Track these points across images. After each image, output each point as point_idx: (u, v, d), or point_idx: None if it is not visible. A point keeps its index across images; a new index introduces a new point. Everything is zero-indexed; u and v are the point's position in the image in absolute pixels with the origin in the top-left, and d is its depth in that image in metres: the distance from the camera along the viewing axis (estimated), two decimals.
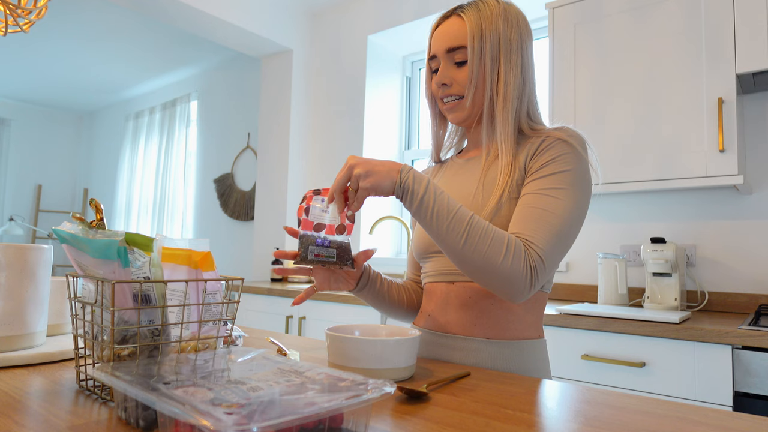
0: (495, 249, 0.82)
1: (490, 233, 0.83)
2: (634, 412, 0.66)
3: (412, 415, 0.63)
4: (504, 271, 0.82)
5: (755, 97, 2.03)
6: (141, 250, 0.69)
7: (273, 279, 3.15)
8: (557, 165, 0.90)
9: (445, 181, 1.07)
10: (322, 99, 3.43)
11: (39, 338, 0.91)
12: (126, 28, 3.82)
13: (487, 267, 0.82)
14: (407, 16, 3.04)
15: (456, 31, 0.97)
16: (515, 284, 0.83)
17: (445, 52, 0.99)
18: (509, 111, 0.96)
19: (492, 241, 0.82)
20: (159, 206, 4.82)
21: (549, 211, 0.86)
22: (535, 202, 0.88)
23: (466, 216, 0.83)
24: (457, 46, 0.97)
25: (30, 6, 2.53)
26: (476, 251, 0.82)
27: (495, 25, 0.96)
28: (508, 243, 0.82)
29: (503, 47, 0.96)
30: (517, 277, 0.82)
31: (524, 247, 0.84)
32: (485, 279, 0.84)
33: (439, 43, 0.99)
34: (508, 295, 0.84)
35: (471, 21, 0.96)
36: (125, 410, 0.57)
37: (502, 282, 0.83)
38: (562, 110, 2.13)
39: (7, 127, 5.69)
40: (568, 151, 0.92)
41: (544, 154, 0.92)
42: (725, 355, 1.49)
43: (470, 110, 1.00)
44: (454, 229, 0.83)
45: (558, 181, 0.89)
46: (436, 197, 0.84)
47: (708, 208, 2.09)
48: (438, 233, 0.84)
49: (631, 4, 2.00)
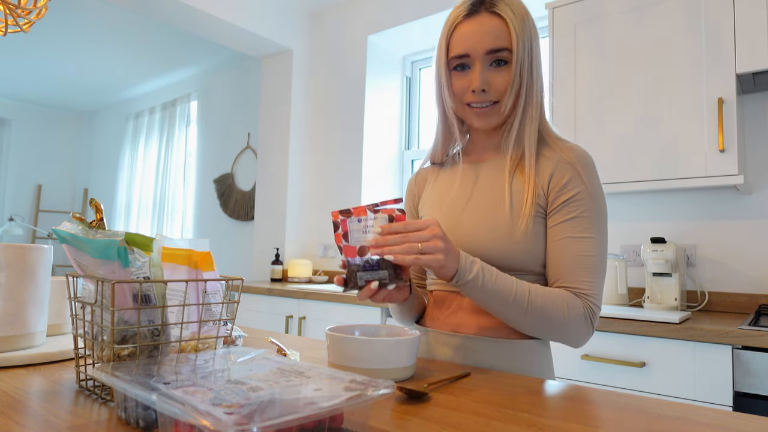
0: (557, 317, 0.87)
1: (548, 306, 0.87)
2: (634, 412, 0.66)
3: (412, 415, 0.63)
4: (568, 333, 0.89)
5: (755, 97, 2.03)
6: (141, 250, 0.69)
7: (273, 279, 3.16)
8: (582, 203, 0.92)
9: (461, 186, 1.02)
10: (322, 99, 3.43)
11: (39, 338, 0.91)
12: (126, 28, 3.82)
13: (553, 335, 0.90)
14: (407, 16, 3.04)
15: (498, 30, 0.90)
16: (579, 338, 0.90)
17: (485, 53, 0.91)
18: (536, 118, 0.96)
19: (552, 310, 0.87)
20: (159, 206, 4.82)
21: (588, 255, 0.90)
22: (574, 248, 0.91)
23: (524, 295, 0.86)
24: (500, 47, 0.90)
25: (30, 6, 2.53)
26: (541, 327, 0.88)
27: (528, 26, 0.93)
28: (568, 307, 0.88)
29: (535, 51, 0.94)
30: (579, 333, 0.89)
31: (580, 302, 0.89)
32: (548, 338, 0.91)
33: (475, 42, 0.91)
34: (573, 345, 0.92)
35: (513, 21, 0.90)
36: (125, 410, 0.57)
37: (567, 340, 0.90)
38: (562, 110, 2.13)
39: (7, 127, 5.69)
40: (585, 184, 0.93)
41: (564, 190, 0.93)
42: (725, 355, 1.48)
43: (504, 116, 0.96)
44: (517, 308, 0.86)
45: (586, 220, 0.91)
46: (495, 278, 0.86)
47: (708, 208, 2.09)
48: (498, 310, 0.87)
49: (631, 4, 2.00)
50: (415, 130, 3.40)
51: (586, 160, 0.94)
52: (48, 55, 4.42)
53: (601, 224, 0.92)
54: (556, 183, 0.93)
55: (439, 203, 1.04)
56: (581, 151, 0.95)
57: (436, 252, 0.79)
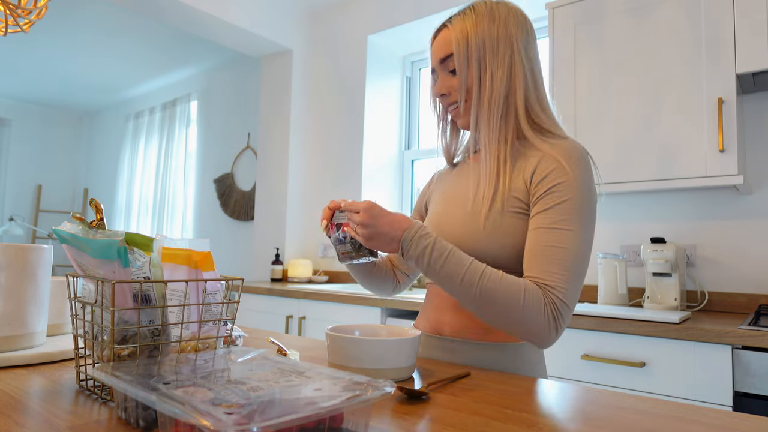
0: (510, 304, 0.82)
1: (502, 289, 0.82)
2: (634, 412, 0.66)
3: (412, 415, 0.63)
4: (526, 325, 0.82)
5: (755, 97, 2.03)
6: (141, 250, 0.69)
7: (273, 279, 3.16)
8: (561, 193, 0.88)
9: (453, 184, 1.07)
10: (322, 99, 3.43)
11: (39, 338, 0.91)
12: (126, 28, 3.82)
13: (511, 325, 0.83)
14: (407, 16, 3.04)
15: (444, 41, 1.00)
16: (538, 333, 0.83)
17: (439, 63, 1.01)
18: (495, 111, 0.95)
19: (506, 296, 0.82)
20: (159, 206, 4.82)
21: (559, 246, 0.85)
22: (544, 238, 0.86)
23: (476, 275, 0.84)
24: (445, 55, 0.99)
25: (30, 6, 2.53)
26: (495, 314, 0.84)
27: (480, 27, 0.96)
28: (524, 295, 0.82)
29: (488, 46, 0.96)
30: (538, 326, 0.82)
31: (541, 292, 0.83)
32: (509, 331, 0.85)
33: (433, 56, 1.02)
34: (535, 343, 0.85)
35: (455, 29, 0.98)
36: (125, 410, 0.57)
37: (524, 333, 0.84)
38: (562, 110, 2.13)
39: (7, 127, 5.69)
40: (568, 175, 0.89)
41: (544, 181, 0.90)
42: (725, 355, 1.49)
43: (469, 115, 1.00)
44: (466, 291, 0.84)
45: (563, 212, 0.87)
46: (444, 259, 0.85)
47: (708, 208, 2.09)
48: (451, 292, 0.87)
49: (631, 4, 1.99)
50: (415, 130, 3.40)
51: (573, 153, 0.91)
52: (48, 55, 4.42)
53: (583, 218, 0.87)
54: (538, 175, 0.91)
55: (436, 200, 1.10)
56: (570, 144, 0.93)
57: (361, 231, 0.90)
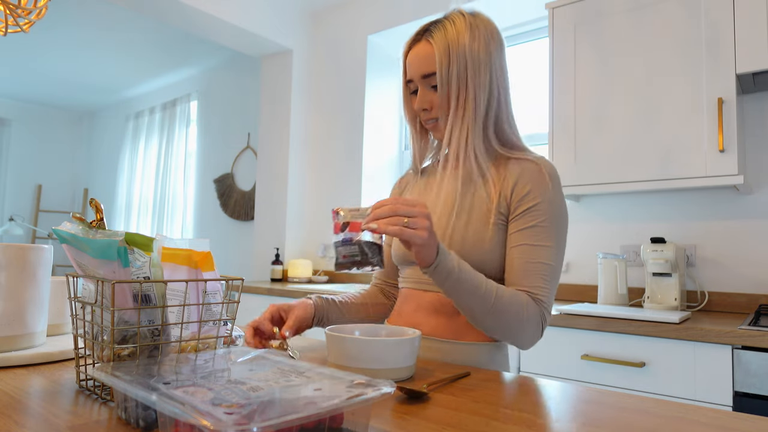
0: (517, 319, 0.91)
1: (513, 305, 0.90)
2: (634, 412, 0.66)
3: (412, 415, 0.63)
4: (522, 335, 0.93)
5: (755, 97, 2.03)
6: (141, 250, 0.69)
7: (273, 279, 3.16)
8: (541, 212, 0.96)
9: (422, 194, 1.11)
10: (322, 99, 3.43)
11: (39, 338, 0.91)
12: (126, 28, 3.82)
13: (509, 334, 0.93)
14: (407, 16, 3.04)
15: (427, 56, 1.00)
16: (530, 341, 0.95)
17: (421, 78, 1.02)
18: (472, 129, 0.99)
19: (515, 312, 0.90)
20: (159, 206, 4.82)
21: (545, 263, 0.94)
22: (530, 255, 0.95)
23: (492, 290, 0.89)
24: (429, 72, 1.00)
25: (30, 6, 2.53)
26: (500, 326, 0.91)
27: (461, 44, 0.98)
28: (527, 309, 0.91)
29: (470, 67, 0.98)
30: (533, 336, 0.94)
31: (536, 305, 0.93)
32: (501, 337, 0.94)
33: (414, 69, 1.02)
34: (521, 347, 0.96)
35: (438, 45, 0.98)
36: (125, 410, 0.57)
37: (520, 341, 0.94)
38: (562, 110, 2.13)
39: (7, 127, 5.69)
40: (547, 194, 0.97)
41: (525, 199, 0.97)
42: (725, 355, 1.49)
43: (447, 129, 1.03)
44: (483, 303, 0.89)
45: (545, 230, 0.95)
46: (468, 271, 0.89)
47: (708, 208, 2.09)
48: (466, 303, 0.90)
49: (631, 4, 1.99)
50: None
51: (551, 171, 0.99)
52: (48, 55, 4.42)
53: (559, 235, 0.97)
54: (518, 193, 0.98)
55: None
56: (546, 163, 1.00)
57: (421, 228, 0.80)
